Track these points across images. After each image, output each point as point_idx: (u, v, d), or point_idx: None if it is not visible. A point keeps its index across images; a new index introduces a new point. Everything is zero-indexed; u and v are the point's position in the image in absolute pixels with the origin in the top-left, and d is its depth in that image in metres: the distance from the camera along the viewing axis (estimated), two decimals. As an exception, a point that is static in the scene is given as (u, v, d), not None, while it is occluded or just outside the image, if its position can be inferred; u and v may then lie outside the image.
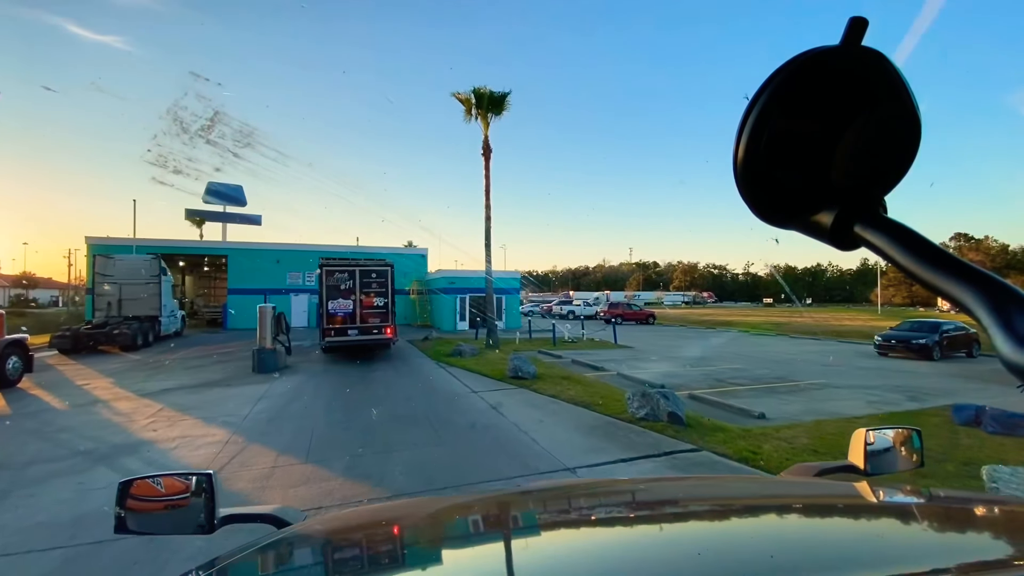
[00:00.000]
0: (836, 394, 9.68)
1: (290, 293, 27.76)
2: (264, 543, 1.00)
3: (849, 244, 0.42)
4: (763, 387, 10.37)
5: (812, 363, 14.51)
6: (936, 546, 0.88)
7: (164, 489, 1.13)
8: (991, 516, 1.07)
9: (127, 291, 18.21)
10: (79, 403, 8.63)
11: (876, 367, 13.81)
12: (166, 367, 12.95)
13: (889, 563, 0.73)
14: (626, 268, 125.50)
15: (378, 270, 14.49)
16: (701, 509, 1.24)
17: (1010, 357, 0.28)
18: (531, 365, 10.69)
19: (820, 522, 1.08)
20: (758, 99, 0.42)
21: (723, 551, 0.84)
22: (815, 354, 17.00)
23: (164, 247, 25.06)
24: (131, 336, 16.36)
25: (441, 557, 0.96)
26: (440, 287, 25.54)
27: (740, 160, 0.43)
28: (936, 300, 50.93)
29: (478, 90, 15.01)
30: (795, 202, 0.44)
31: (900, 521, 1.06)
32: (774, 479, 1.76)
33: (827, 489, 1.30)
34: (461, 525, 1.19)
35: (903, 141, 0.41)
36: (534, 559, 0.89)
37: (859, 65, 0.40)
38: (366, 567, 0.93)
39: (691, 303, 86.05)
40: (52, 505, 4.44)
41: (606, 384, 10.15)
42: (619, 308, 32.77)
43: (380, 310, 14.26)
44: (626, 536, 1.00)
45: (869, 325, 30.12)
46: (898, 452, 1.42)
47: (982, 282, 0.32)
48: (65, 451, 6.00)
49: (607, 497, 1.39)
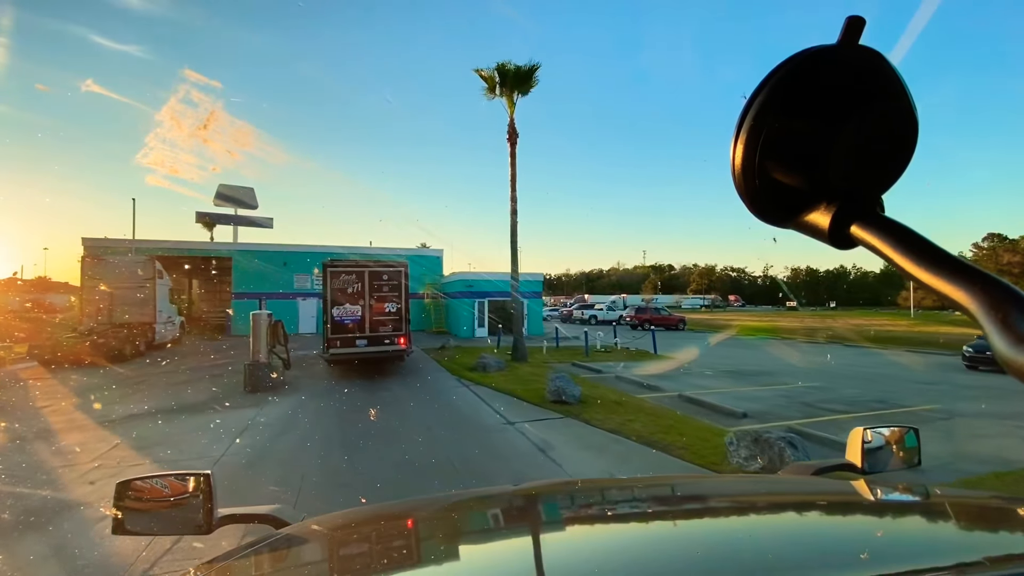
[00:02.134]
0: (976, 427, 7.55)
1: (297, 297, 26.21)
2: (262, 543, 1.01)
3: (847, 243, 0.41)
4: (869, 415, 8.28)
5: (900, 380, 12.31)
6: (934, 544, 0.88)
7: (162, 489, 1.14)
8: (989, 514, 1.08)
9: (119, 295, 16.67)
10: (19, 435, 6.89)
11: (982, 385, 11.50)
12: (149, 383, 11.26)
13: (887, 561, 0.73)
14: (640, 271, 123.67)
15: (390, 272, 12.67)
16: (699, 508, 1.23)
17: (1008, 356, 0.28)
18: (574, 385, 8.74)
19: (818, 520, 1.07)
20: (755, 98, 0.41)
21: (721, 550, 0.85)
22: (892, 367, 14.77)
23: (163, 248, 23.64)
24: (118, 345, 14.78)
25: (440, 557, 0.96)
26: (456, 291, 23.69)
27: (737, 159, 0.43)
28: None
29: (502, 66, 13.15)
30: (792, 201, 0.43)
31: (898, 519, 1.08)
32: (772, 478, 1.69)
33: (825, 487, 1.29)
34: (459, 524, 1.18)
35: (900, 140, 0.41)
36: (531, 558, 0.89)
37: (856, 64, 0.40)
38: (364, 567, 0.93)
39: (710, 307, 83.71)
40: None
41: (672, 412, 8.16)
42: (646, 313, 30.52)
43: (392, 317, 12.42)
44: (624, 535, 1.00)
45: (915, 331, 27.98)
46: (896, 450, 1.41)
47: (980, 281, 0.32)
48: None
49: (605, 496, 1.38)
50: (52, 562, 3.64)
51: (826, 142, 0.41)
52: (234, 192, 32.97)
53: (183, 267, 27.38)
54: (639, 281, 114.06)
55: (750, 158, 0.42)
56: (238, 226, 33.40)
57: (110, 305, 16.34)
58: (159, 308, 17.63)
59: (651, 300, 71.37)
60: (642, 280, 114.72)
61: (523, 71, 13.23)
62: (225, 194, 32.56)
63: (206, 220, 38.35)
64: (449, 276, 26.60)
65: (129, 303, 16.60)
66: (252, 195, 34.53)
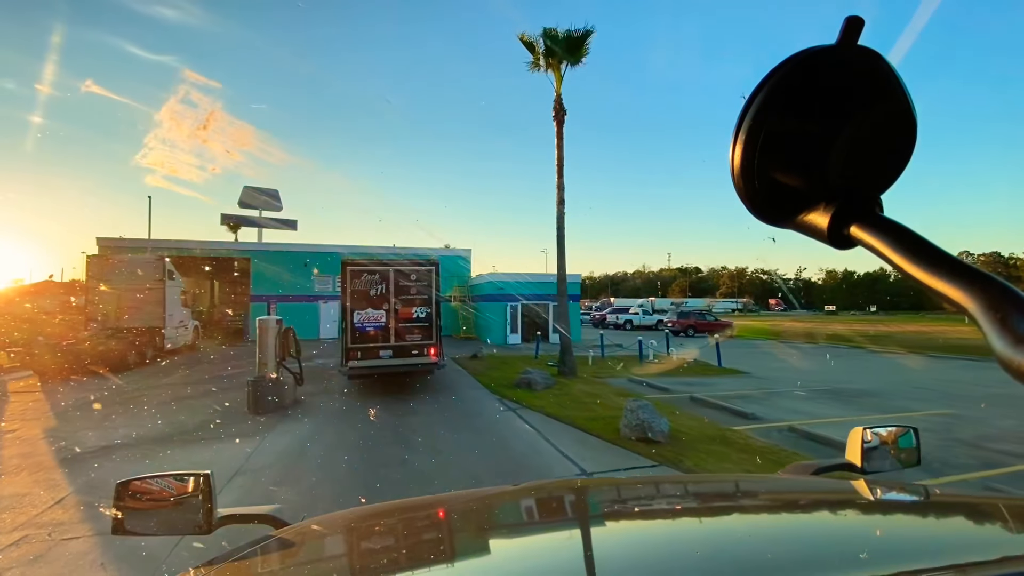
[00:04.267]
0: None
1: (318, 300, 24.82)
2: (262, 543, 1.00)
3: (846, 244, 0.41)
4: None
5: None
6: (933, 543, 0.88)
7: (162, 489, 1.12)
8: (988, 513, 1.06)
9: (125, 298, 15.39)
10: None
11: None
12: (141, 400, 9.73)
13: (886, 560, 0.72)
14: (667, 274, 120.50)
15: (419, 272, 10.89)
16: (699, 507, 1.22)
17: (1006, 356, 0.28)
18: (660, 417, 6.72)
19: (818, 520, 1.06)
20: (754, 98, 0.41)
21: (721, 549, 0.84)
22: (1014, 384, 12.25)
23: (178, 249, 22.51)
24: (121, 353, 13.42)
25: (440, 556, 0.93)
26: (486, 294, 21.84)
27: (737, 159, 0.43)
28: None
29: (549, 32, 11.26)
30: (792, 201, 0.43)
31: (897, 519, 1.06)
32: (772, 477, 1.68)
33: (825, 487, 1.27)
34: (459, 525, 1.17)
35: (899, 140, 0.41)
36: (532, 557, 0.89)
37: (855, 65, 0.40)
38: (364, 567, 0.93)
39: (743, 310, 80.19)
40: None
41: (795, 455, 6.09)
42: (690, 318, 28.03)
43: (422, 324, 10.64)
44: (624, 534, 0.99)
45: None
46: (895, 450, 1.39)
47: (979, 281, 0.32)
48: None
49: (606, 496, 1.37)
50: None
51: (825, 142, 0.41)
52: (259, 194, 32.66)
53: (201, 268, 26.36)
54: (665, 284, 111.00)
55: (749, 158, 0.42)
56: (263, 228, 33.09)
57: (116, 309, 15.05)
58: (169, 312, 16.30)
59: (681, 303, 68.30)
60: (668, 283, 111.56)
61: (574, 37, 11.27)
62: (250, 196, 32.27)
63: (231, 222, 38.12)
64: (478, 277, 24.77)
65: (136, 306, 15.28)
66: (276, 197, 34.29)
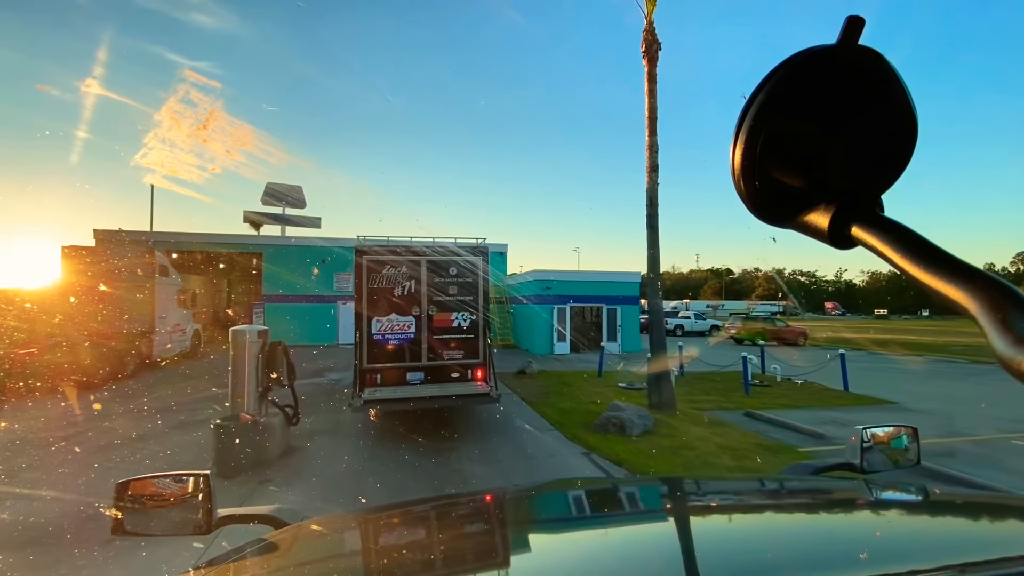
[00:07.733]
0: None
1: (336, 301, 22.25)
2: (262, 543, 1.00)
3: (846, 244, 0.41)
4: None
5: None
6: (933, 543, 0.87)
7: (162, 490, 1.11)
8: (987, 513, 1.06)
9: (108, 297, 12.91)
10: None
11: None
12: (85, 440, 7.02)
13: (886, 560, 0.72)
14: (697, 275, 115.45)
15: (460, 264, 7.89)
16: (700, 507, 1.21)
17: (1007, 357, 0.28)
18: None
19: (817, 520, 1.06)
20: (755, 98, 0.41)
21: (721, 549, 0.84)
22: None
23: (181, 242, 20.20)
24: (92, 366, 10.90)
25: (440, 556, 0.93)
26: (529, 294, 18.77)
27: (737, 159, 0.43)
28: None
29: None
30: (792, 201, 0.43)
31: (897, 518, 1.06)
32: (772, 477, 1.69)
33: (825, 487, 1.28)
34: (458, 525, 1.17)
35: (900, 140, 0.41)
36: (530, 557, 0.88)
37: (856, 64, 0.40)
38: (364, 567, 0.92)
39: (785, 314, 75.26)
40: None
41: None
42: (758, 324, 24.44)
43: (466, 336, 7.66)
44: (625, 534, 0.99)
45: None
46: (895, 450, 1.39)
47: (980, 281, 0.32)
48: None
49: (606, 496, 1.37)
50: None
51: (826, 142, 0.41)
52: (282, 190, 31.25)
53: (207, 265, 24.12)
54: (696, 285, 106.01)
55: (750, 158, 0.42)
56: (285, 225, 31.62)
57: (92, 311, 12.56)
58: (160, 314, 13.82)
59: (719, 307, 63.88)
60: (698, 285, 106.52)
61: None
62: (273, 192, 30.79)
63: (253, 220, 36.86)
64: (519, 275, 21.71)
65: (118, 308, 12.78)
66: (300, 193, 32.63)
